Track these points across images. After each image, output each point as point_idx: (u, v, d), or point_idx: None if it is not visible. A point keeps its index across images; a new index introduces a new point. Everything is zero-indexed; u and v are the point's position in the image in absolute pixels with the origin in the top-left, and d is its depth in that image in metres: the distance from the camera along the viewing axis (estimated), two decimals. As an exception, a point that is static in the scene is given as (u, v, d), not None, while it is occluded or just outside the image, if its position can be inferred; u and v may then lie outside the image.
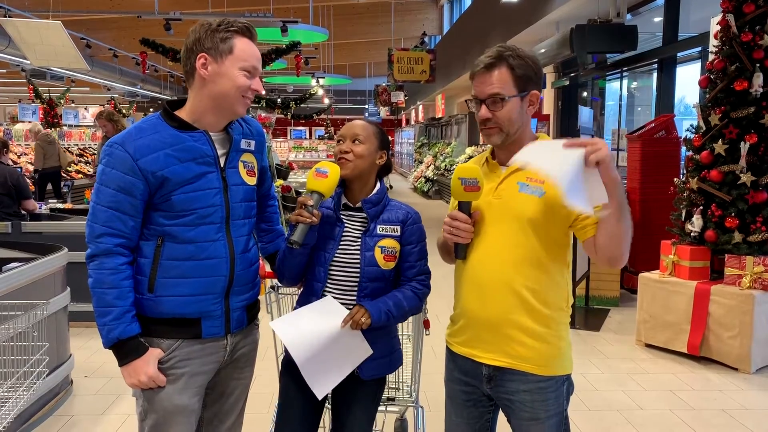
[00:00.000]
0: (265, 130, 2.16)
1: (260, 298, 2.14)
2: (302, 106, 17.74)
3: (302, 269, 2.04)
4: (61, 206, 6.33)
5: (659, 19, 8.17)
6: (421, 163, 20.33)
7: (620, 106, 9.88)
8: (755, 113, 4.48)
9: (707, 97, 4.78)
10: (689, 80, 7.81)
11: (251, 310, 2.04)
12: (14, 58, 11.46)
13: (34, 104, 15.88)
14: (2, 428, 2.20)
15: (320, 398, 1.96)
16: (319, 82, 19.33)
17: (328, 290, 2.03)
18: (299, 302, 2.10)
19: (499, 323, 1.81)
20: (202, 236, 1.83)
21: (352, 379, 2.03)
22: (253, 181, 2.00)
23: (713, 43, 4.86)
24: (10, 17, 8.90)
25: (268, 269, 2.31)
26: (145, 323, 1.83)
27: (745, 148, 4.46)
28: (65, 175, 12.48)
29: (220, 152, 1.89)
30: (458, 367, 1.95)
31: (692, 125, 4.97)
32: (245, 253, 1.94)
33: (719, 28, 4.70)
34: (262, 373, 3.18)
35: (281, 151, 22.74)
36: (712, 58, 4.78)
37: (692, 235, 4.73)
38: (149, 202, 1.81)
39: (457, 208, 1.84)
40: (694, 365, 4.49)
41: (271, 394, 3.75)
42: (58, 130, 14.61)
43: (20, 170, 8.88)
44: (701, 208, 4.70)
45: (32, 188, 9.80)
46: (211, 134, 1.87)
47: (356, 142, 2.01)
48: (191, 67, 1.83)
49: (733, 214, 4.52)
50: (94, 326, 1.83)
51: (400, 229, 2.04)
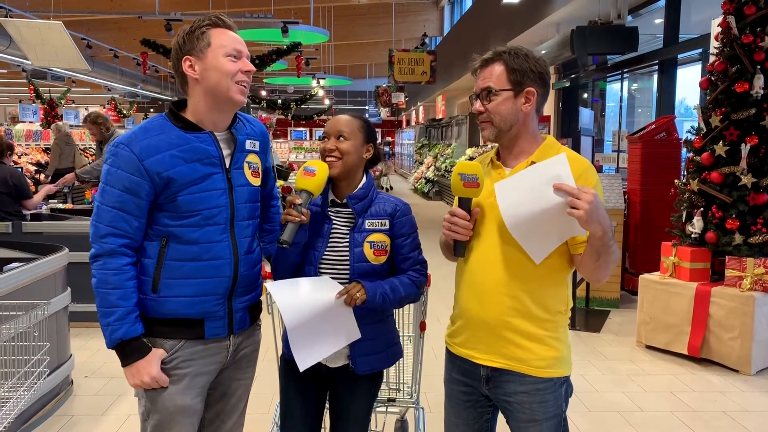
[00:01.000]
0: (266, 130, 2.15)
1: (261, 298, 2.14)
2: (303, 106, 17.75)
3: (295, 268, 2.03)
4: (61, 206, 6.33)
5: (660, 20, 8.18)
6: (421, 164, 20.34)
7: (620, 107, 9.88)
8: (756, 115, 4.49)
9: (708, 98, 4.78)
10: (690, 82, 7.81)
11: (253, 310, 2.04)
12: (15, 58, 11.48)
13: (34, 104, 15.86)
14: (3, 428, 2.20)
15: (301, 370, 1.93)
16: (319, 83, 19.33)
17: None
18: None
19: (496, 325, 1.81)
20: (206, 237, 1.83)
21: (347, 374, 2.03)
22: (257, 182, 2.00)
23: (714, 44, 4.86)
24: (11, 17, 8.90)
25: (268, 270, 2.31)
26: (148, 324, 1.83)
27: (745, 149, 4.47)
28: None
29: (225, 153, 1.89)
30: (457, 367, 1.95)
31: (693, 127, 4.97)
32: (249, 254, 1.94)
33: (720, 29, 4.70)
34: (262, 373, 3.18)
35: (282, 151, 22.73)
36: (712, 59, 4.79)
37: (693, 236, 4.73)
38: (154, 202, 1.81)
39: (456, 204, 1.85)
40: (694, 367, 4.49)
41: (271, 394, 3.75)
42: (58, 130, 14.58)
43: (21, 170, 8.87)
44: (702, 209, 4.70)
45: (33, 188, 9.79)
46: (216, 135, 1.88)
47: (341, 138, 2.00)
48: (181, 73, 1.84)
49: (733, 215, 4.52)
50: (94, 326, 1.83)
51: (388, 222, 2.03)
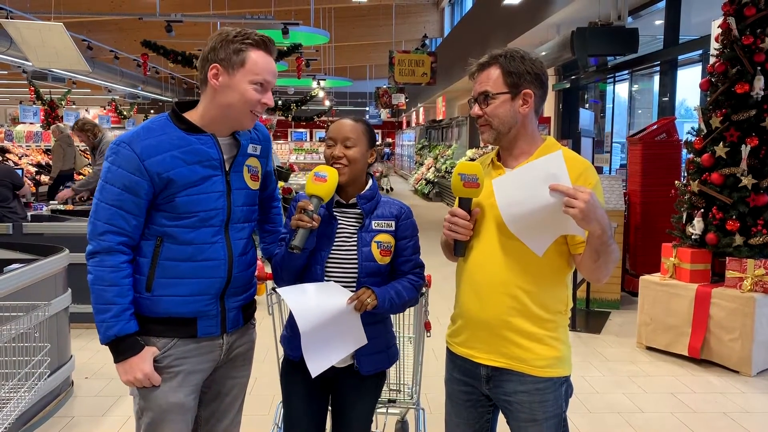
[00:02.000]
0: (269, 133, 2.16)
1: (258, 298, 2.15)
2: (303, 108, 17.78)
3: (300, 271, 2.03)
4: (62, 207, 6.33)
5: (660, 21, 8.18)
6: (421, 165, 20.34)
7: (611, 109, 9.88)
8: (756, 116, 4.49)
9: (708, 100, 4.78)
10: (690, 83, 7.81)
11: (247, 310, 2.05)
12: (16, 59, 11.48)
13: (35, 106, 15.88)
14: (3, 429, 2.20)
15: (313, 376, 1.94)
16: (320, 84, 19.36)
17: None
18: None
19: (496, 325, 1.82)
20: (201, 238, 1.84)
21: (352, 374, 2.04)
22: (256, 185, 2.00)
23: (714, 46, 4.86)
24: (11, 19, 8.91)
25: (268, 271, 2.31)
26: (141, 322, 1.83)
27: (746, 151, 4.47)
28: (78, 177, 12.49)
29: (226, 156, 1.89)
30: (457, 367, 1.96)
31: (693, 128, 4.97)
32: (243, 255, 1.95)
33: (720, 31, 4.71)
34: (263, 374, 3.20)
35: (282, 153, 22.75)
36: (713, 61, 4.79)
37: (693, 237, 4.72)
38: (152, 202, 1.81)
39: (457, 204, 1.85)
40: (694, 368, 4.48)
41: (271, 395, 3.75)
42: (59, 131, 14.58)
43: (21, 171, 8.87)
44: (702, 210, 4.70)
45: (33, 189, 9.82)
46: (218, 138, 1.88)
47: (348, 145, 2.01)
48: (204, 75, 1.84)
49: (734, 216, 4.52)
50: (95, 327, 1.83)
51: (394, 224, 2.05)
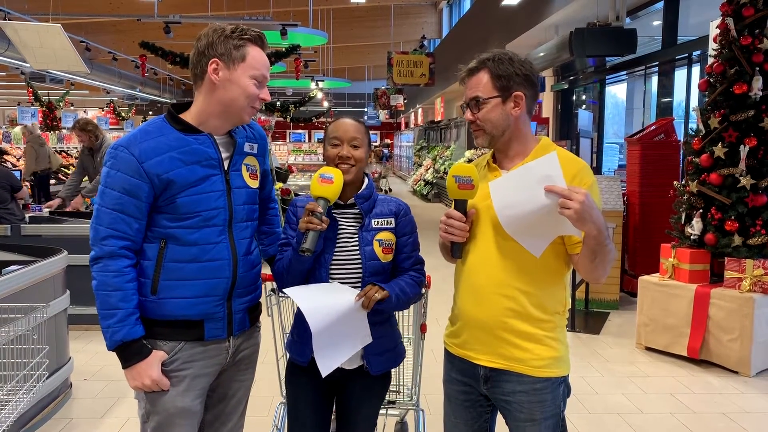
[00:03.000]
0: (265, 133, 2.16)
1: (260, 300, 2.14)
2: (301, 109, 17.76)
3: (306, 275, 2.02)
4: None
5: (658, 22, 8.19)
6: (420, 166, 20.35)
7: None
8: (755, 116, 4.49)
9: (707, 100, 4.78)
10: (689, 83, 7.81)
11: (253, 312, 2.04)
12: (14, 60, 11.47)
13: (33, 107, 15.87)
14: (2, 431, 2.20)
15: (324, 375, 1.93)
16: (318, 85, 19.36)
17: None
18: None
19: (494, 326, 1.82)
20: (205, 238, 1.84)
21: (361, 376, 2.04)
22: (255, 184, 2.00)
23: (713, 46, 4.87)
24: (9, 20, 8.90)
25: (267, 272, 2.30)
26: (148, 325, 1.83)
27: (744, 151, 4.47)
28: (64, 178, 12.48)
29: (224, 155, 1.89)
30: (456, 367, 1.96)
31: (692, 128, 4.98)
32: (247, 255, 1.95)
33: (719, 31, 4.71)
34: (263, 376, 3.17)
35: (280, 154, 22.76)
36: (711, 61, 4.79)
37: (692, 238, 4.73)
38: (153, 204, 1.81)
39: (453, 206, 1.85)
40: (694, 368, 4.48)
41: (271, 397, 3.74)
42: (57, 133, 14.60)
43: (19, 173, 8.87)
44: (701, 211, 4.70)
45: (29, 191, 9.80)
46: (215, 137, 1.88)
47: (355, 145, 2.00)
48: (201, 70, 1.83)
49: (732, 217, 4.52)
50: (93, 329, 1.83)
51: (394, 221, 2.05)
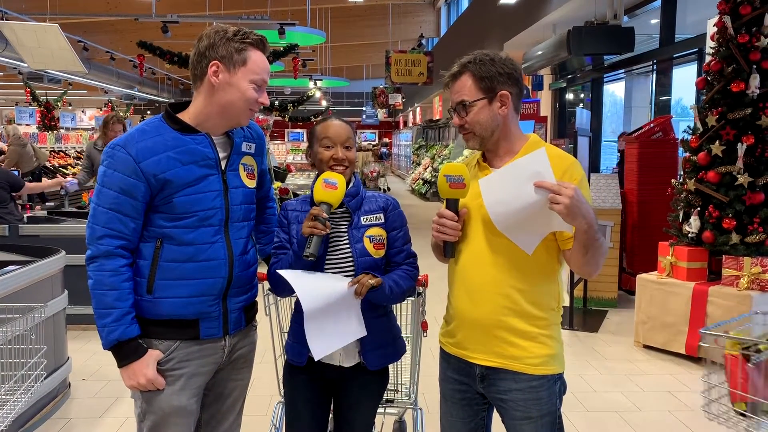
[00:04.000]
0: (263, 132, 2.16)
1: (256, 299, 2.14)
2: (300, 108, 17.74)
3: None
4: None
5: (656, 20, 8.20)
6: (418, 165, 20.35)
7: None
8: (752, 114, 4.49)
9: (704, 98, 4.79)
10: (686, 82, 7.83)
11: (249, 311, 2.04)
12: (11, 60, 11.45)
13: (31, 107, 15.85)
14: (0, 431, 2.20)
15: (317, 359, 1.94)
16: (316, 84, 19.34)
17: None
18: (298, 304, 2.09)
19: (489, 324, 1.83)
20: (201, 238, 1.84)
21: (358, 373, 2.04)
22: (252, 183, 2.00)
23: (710, 44, 4.87)
24: (6, 20, 8.89)
25: (263, 272, 2.31)
26: (143, 325, 1.83)
27: (742, 149, 4.47)
28: (60, 175, 12.46)
29: (221, 155, 1.89)
30: (452, 366, 1.97)
31: (689, 126, 4.98)
32: (244, 255, 1.95)
33: (716, 29, 4.71)
34: (261, 375, 3.18)
35: (279, 153, 22.73)
36: (709, 59, 4.80)
37: (690, 236, 4.73)
38: (150, 204, 1.81)
39: (444, 205, 1.86)
40: (692, 366, 4.49)
41: (269, 396, 3.74)
42: (55, 133, 14.59)
43: (17, 173, 8.86)
44: (699, 209, 4.70)
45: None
46: (213, 137, 1.88)
47: (348, 147, 2.02)
48: (201, 72, 1.83)
49: (730, 215, 4.52)
50: (91, 329, 1.83)
51: (383, 216, 2.06)
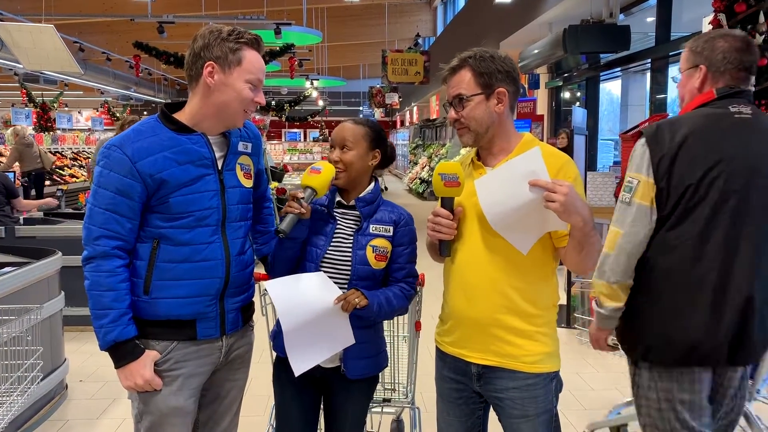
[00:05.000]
0: (259, 132, 2.16)
1: (254, 299, 2.14)
2: (296, 108, 17.76)
3: (293, 265, 2.04)
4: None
5: (652, 19, 8.21)
6: (416, 164, 20.35)
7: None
8: (748, 112, 4.50)
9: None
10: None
11: (246, 311, 2.04)
12: (7, 62, 11.43)
13: (27, 108, 15.81)
14: (-4, 433, 2.19)
15: (297, 375, 1.94)
16: (313, 84, 19.35)
17: None
18: None
19: (486, 323, 1.83)
20: (198, 238, 1.83)
21: (340, 377, 2.04)
22: (249, 183, 2.00)
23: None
24: (1, 21, 8.87)
25: (261, 272, 2.31)
26: (140, 325, 1.83)
27: (737, 146, 4.47)
28: (59, 179, 12.45)
29: (217, 155, 1.89)
30: (448, 365, 1.97)
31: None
32: (241, 255, 1.95)
33: (711, 27, 4.72)
34: (258, 375, 3.17)
35: (276, 153, 22.69)
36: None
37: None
38: (146, 204, 1.81)
39: (439, 204, 1.86)
40: (689, 364, 4.49)
41: (267, 396, 3.74)
42: (51, 134, 14.56)
43: (13, 175, 8.84)
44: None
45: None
46: (209, 137, 1.88)
47: (345, 149, 2.02)
48: (197, 72, 1.83)
49: (726, 212, 4.52)
50: (88, 330, 1.83)
51: (392, 229, 2.04)
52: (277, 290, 1.91)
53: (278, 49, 10.56)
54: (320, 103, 27.09)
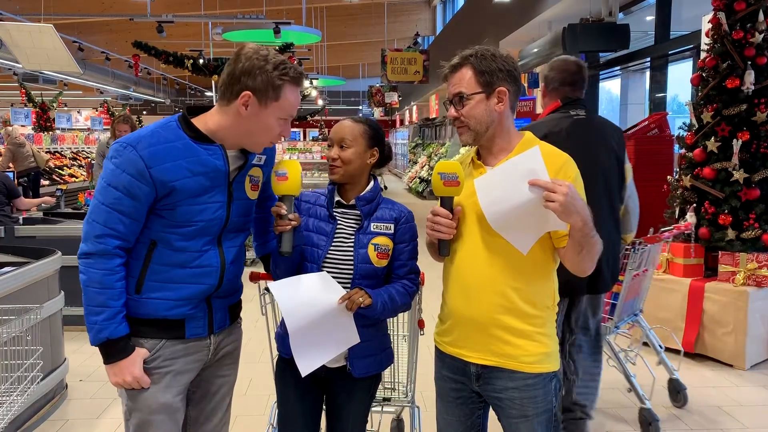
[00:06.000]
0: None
1: (251, 297, 2.14)
2: (296, 107, 17.69)
3: (297, 265, 2.04)
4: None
5: (651, 17, 8.21)
6: (415, 163, 20.34)
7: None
8: (747, 110, 4.50)
9: (699, 94, 4.80)
10: (681, 78, 7.84)
11: (233, 309, 2.05)
12: (6, 61, 11.43)
13: (26, 108, 15.79)
14: (-4, 433, 2.19)
15: (303, 375, 1.94)
16: (312, 83, 19.33)
17: None
18: None
19: (485, 323, 1.82)
20: (195, 246, 1.83)
21: (345, 375, 2.05)
22: (255, 195, 1.99)
23: (705, 41, 4.88)
24: (1, 21, 8.87)
25: (262, 270, 2.30)
26: (129, 323, 1.82)
27: (737, 145, 4.48)
28: (58, 179, 12.43)
29: (232, 167, 1.87)
30: (447, 365, 1.96)
31: (685, 123, 4.99)
32: (234, 263, 1.94)
33: (711, 26, 4.72)
34: (259, 374, 3.19)
35: (276, 152, 22.67)
36: (703, 56, 4.80)
37: (686, 232, 4.74)
38: (151, 207, 1.80)
39: (439, 204, 1.85)
40: (688, 362, 4.50)
41: (267, 395, 3.74)
42: (51, 133, 14.55)
43: (12, 174, 8.84)
44: (694, 205, 4.71)
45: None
46: (227, 150, 1.85)
47: (343, 146, 2.02)
48: (231, 95, 1.78)
49: (726, 211, 4.53)
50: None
51: (393, 227, 2.04)
52: (281, 292, 1.91)
53: (277, 48, 10.56)
54: (320, 102, 27.11)
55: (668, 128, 6.37)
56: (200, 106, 1.91)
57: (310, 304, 1.90)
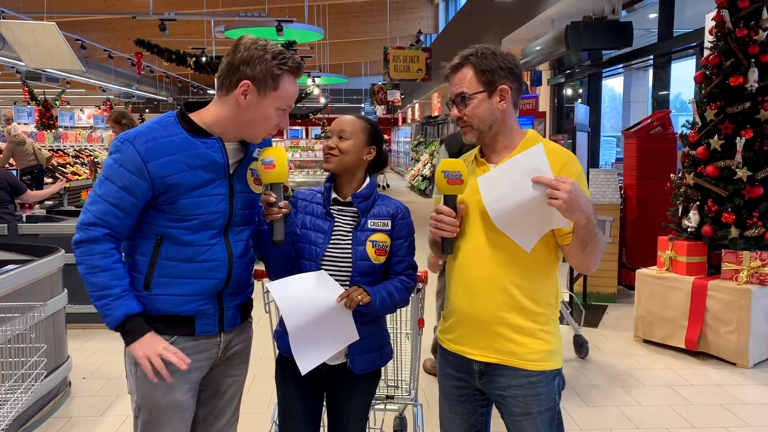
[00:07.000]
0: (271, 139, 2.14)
1: (253, 296, 2.14)
2: (298, 105, 17.70)
3: (290, 261, 2.04)
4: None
5: (654, 15, 8.18)
6: (417, 161, 20.33)
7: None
8: (750, 108, 4.49)
9: (703, 92, 4.78)
10: (685, 76, 7.82)
11: (244, 308, 2.05)
12: (9, 59, 11.44)
13: (29, 106, 15.81)
14: (1, 430, 2.20)
15: (303, 373, 1.95)
16: (315, 81, 19.30)
17: None
18: None
19: (488, 321, 1.82)
20: (202, 240, 1.83)
21: (345, 373, 2.05)
22: (258, 189, 1.99)
23: (708, 38, 4.86)
24: (4, 19, 8.88)
25: (262, 268, 2.31)
26: None
27: (740, 143, 4.47)
28: (60, 176, 12.45)
29: (231, 160, 1.88)
30: (450, 363, 1.96)
31: (688, 121, 4.98)
32: (243, 257, 1.94)
33: (714, 23, 4.71)
34: (261, 372, 3.18)
35: (278, 150, 22.64)
36: (707, 53, 4.79)
37: (689, 230, 4.73)
38: (151, 203, 1.80)
39: (442, 202, 1.85)
40: (692, 360, 4.50)
41: (270, 393, 3.75)
42: (53, 131, 14.57)
43: (16, 172, 8.87)
44: (698, 203, 4.70)
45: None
46: (225, 143, 1.86)
47: (342, 138, 2.02)
48: (230, 85, 1.80)
49: (729, 209, 4.53)
50: (92, 328, 1.83)
51: (390, 223, 2.05)
52: (279, 291, 1.91)
53: (279, 46, 10.55)
54: (322, 100, 27.06)
55: (671, 126, 6.37)
56: (199, 101, 1.92)
57: (308, 302, 1.91)
